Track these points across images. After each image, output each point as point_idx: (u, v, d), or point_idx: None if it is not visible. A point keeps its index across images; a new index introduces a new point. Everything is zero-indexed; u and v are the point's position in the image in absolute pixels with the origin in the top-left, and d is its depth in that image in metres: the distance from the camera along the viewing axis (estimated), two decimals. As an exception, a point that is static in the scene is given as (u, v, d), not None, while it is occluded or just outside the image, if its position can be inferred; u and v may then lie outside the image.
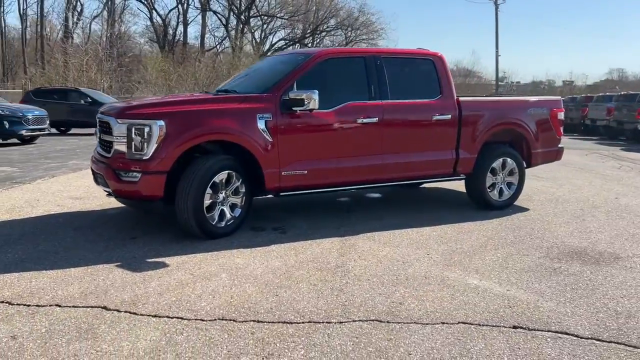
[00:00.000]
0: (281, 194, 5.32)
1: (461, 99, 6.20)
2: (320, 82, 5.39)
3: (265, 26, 42.92)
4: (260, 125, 4.99)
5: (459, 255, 4.58)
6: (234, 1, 39.12)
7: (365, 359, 2.75)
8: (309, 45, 43.39)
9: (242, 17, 39.65)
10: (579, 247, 4.88)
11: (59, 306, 3.34)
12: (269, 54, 42.00)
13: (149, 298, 3.50)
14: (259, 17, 41.06)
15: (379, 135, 5.60)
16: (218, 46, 36.75)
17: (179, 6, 38.09)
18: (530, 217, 6.11)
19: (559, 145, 7.00)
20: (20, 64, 41.35)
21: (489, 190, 6.41)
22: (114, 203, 5.79)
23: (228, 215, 5.03)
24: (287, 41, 42.99)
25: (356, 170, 5.58)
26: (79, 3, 38.42)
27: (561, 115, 6.94)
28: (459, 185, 7.24)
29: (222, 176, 4.88)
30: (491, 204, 6.42)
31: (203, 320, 3.18)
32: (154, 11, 38.14)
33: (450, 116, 5.99)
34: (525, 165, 6.75)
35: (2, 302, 3.40)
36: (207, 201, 4.80)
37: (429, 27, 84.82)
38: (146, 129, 4.64)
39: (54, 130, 17.60)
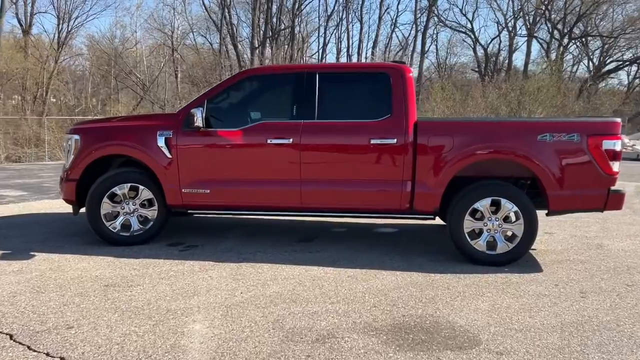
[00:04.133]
0: (189, 211, 5.35)
1: (423, 120, 5.04)
2: (238, 101, 5.29)
3: (605, 47, 38.89)
4: (160, 142, 5.15)
5: (277, 300, 3.87)
6: (555, 25, 37.30)
7: None
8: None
9: (564, 40, 37.53)
10: (450, 323, 3.49)
11: None
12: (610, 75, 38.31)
13: (-51, 279, 4.20)
14: (597, 38, 37.64)
15: (296, 159, 5.04)
16: (541, 72, 35.15)
17: (500, 35, 38.93)
18: (508, 280, 4.47)
19: (612, 187, 4.88)
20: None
21: (471, 238, 4.97)
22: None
23: (135, 227, 5.34)
24: (618, 62, 38.06)
25: (269, 195, 5.15)
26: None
27: (611, 145, 4.79)
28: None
29: (123, 188, 5.24)
30: (474, 257, 4.94)
31: None
32: (477, 42, 39.77)
33: (395, 140, 4.93)
34: (546, 212, 5.04)
35: None
36: (105, 210, 5.23)
37: None
38: (69, 143, 5.40)
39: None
